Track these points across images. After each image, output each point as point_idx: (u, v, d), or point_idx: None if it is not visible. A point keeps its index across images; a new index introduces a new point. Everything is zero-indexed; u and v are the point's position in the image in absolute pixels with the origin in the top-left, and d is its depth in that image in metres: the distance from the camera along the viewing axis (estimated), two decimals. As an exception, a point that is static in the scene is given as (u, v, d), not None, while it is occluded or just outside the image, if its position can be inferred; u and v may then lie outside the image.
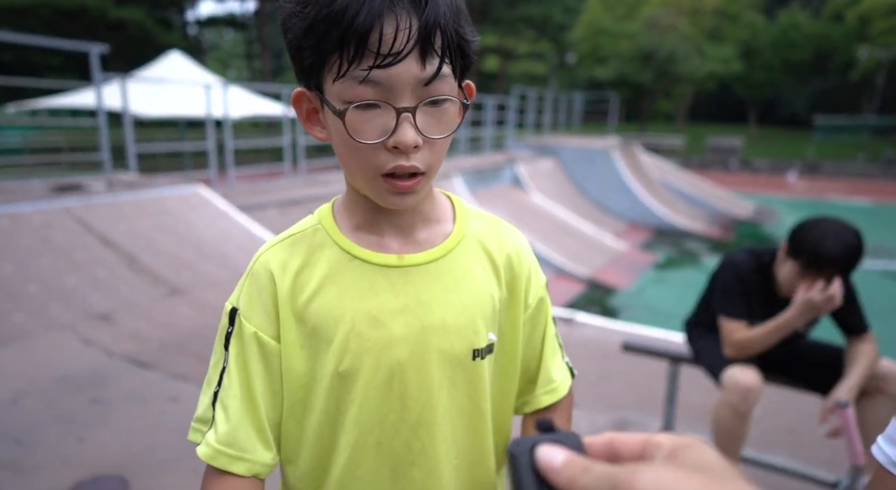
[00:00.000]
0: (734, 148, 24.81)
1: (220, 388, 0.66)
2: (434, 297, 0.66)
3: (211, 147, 6.86)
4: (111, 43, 8.07)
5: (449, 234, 0.69)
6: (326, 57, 0.55)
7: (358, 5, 0.51)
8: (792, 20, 31.72)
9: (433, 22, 0.53)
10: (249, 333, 0.65)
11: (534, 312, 0.74)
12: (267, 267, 0.66)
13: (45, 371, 3.06)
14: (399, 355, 0.65)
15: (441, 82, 0.56)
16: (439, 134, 0.58)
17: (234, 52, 44.53)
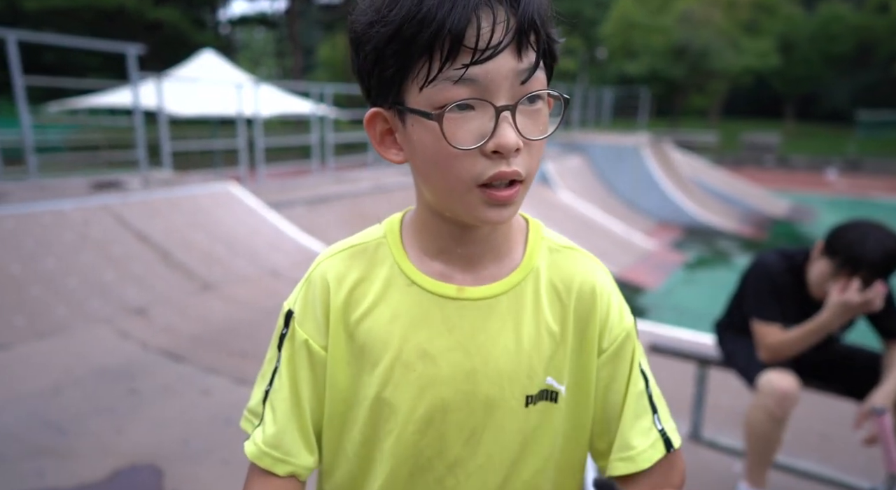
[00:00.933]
0: (770, 144, 24.08)
1: (270, 388, 0.67)
2: (489, 337, 0.62)
3: (242, 145, 7.01)
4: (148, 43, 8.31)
5: (516, 267, 0.64)
6: (413, 62, 0.52)
7: (450, 3, 0.49)
8: (833, 12, 30.55)
9: (530, 16, 0.51)
10: (301, 340, 0.65)
11: (611, 358, 0.66)
12: (324, 276, 0.65)
13: (84, 363, 3.19)
14: (444, 394, 0.62)
15: (535, 80, 0.54)
16: (538, 135, 0.55)
17: (265, 50, 45.28)
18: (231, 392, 3.01)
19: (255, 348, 3.55)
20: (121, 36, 18.65)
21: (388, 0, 0.52)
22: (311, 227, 6.16)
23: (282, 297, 4.17)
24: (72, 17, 18.00)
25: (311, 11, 31.96)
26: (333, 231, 6.44)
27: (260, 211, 5.70)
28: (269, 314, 4.08)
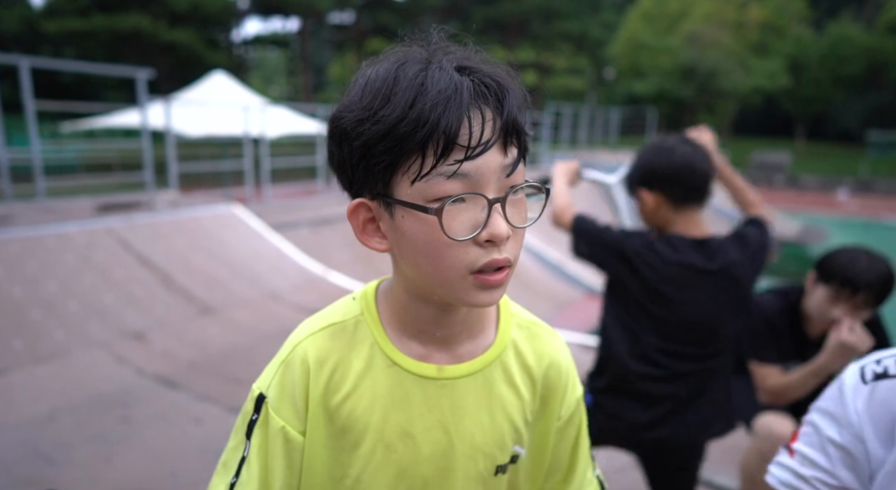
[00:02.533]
0: (781, 164, 23.94)
1: (237, 480, 0.63)
2: (466, 413, 0.65)
3: (248, 166, 7.09)
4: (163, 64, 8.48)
5: (490, 345, 0.67)
6: (405, 159, 0.54)
7: (443, 105, 0.52)
8: (843, 33, 30.59)
9: (513, 116, 0.55)
10: (277, 427, 0.63)
11: (565, 423, 0.73)
12: (304, 359, 0.65)
13: (79, 388, 3.19)
14: (424, 472, 0.65)
15: (518, 172, 0.57)
16: (523, 223, 0.58)
17: (277, 69, 46.10)
18: (223, 421, 2.99)
19: (251, 375, 3.52)
20: (136, 57, 19.09)
21: (379, 99, 0.54)
22: (314, 248, 6.17)
23: (280, 321, 4.17)
24: (89, 38, 18.48)
25: (322, 31, 32.57)
26: (336, 253, 6.46)
27: (263, 233, 5.73)
28: (268, 339, 4.07)
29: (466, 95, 0.53)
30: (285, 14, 26.12)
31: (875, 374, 0.72)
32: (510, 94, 0.56)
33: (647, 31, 29.95)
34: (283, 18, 27.70)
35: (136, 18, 17.62)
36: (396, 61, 0.57)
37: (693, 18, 29.67)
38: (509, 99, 0.55)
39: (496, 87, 0.55)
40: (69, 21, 17.78)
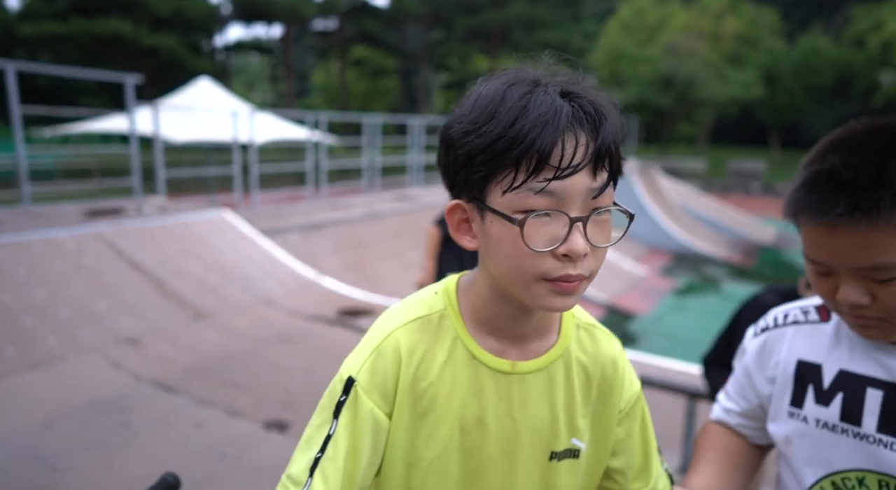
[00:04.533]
0: (756, 172, 24.57)
1: (322, 456, 0.67)
2: (531, 404, 0.71)
3: (236, 172, 7.06)
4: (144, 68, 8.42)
5: (554, 344, 0.73)
6: (500, 171, 0.59)
7: (541, 127, 0.57)
8: (813, 45, 31.59)
9: (607, 143, 0.59)
10: (366, 409, 0.67)
11: (627, 417, 0.78)
12: (397, 348, 0.69)
13: (75, 395, 3.16)
14: (491, 453, 0.71)
15: (605, 195, 0.61)
16: (604, 242, 0.62)
17: (260, 75, 45.81)
18: (224, 424, 3.00)
19: (249, 380, 3.54)
20: (117, 61, 18.82)
21: (485, 116, 0.60)
22: (304, 254, 6.18)
23: (275, 326, 4.17)
24: (68, 42, 18.18)
25: (305, 37, 32.49)
26: (327, 258, 6.47)
27: (254, 238, 5.73)
28: (263, 344, 4.07)
29: (564, 119, 0.57)
30: (268, 20, 26.02)
31: (762, 329, 0.90)
32: (607, 122, 0.59)
33: (626, 41, 30.54)
34: (266, 25, 27.59)
35: (117, 23, 17.39)
36: (506, 81, 0.62)
37: (671, 29, 30.36)
38: (606, 126, 0.59)
39: (594, 114, 0.59)
40: (47, 25, 17.47)
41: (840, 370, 0.79)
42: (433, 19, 29.23)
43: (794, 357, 0.83)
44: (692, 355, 3.91)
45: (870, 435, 0.75)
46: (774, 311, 0.93)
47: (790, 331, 0.86)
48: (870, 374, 0.76)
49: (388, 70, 33.36)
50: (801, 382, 0.82)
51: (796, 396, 0.82)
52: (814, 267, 0.73)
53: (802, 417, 0.81)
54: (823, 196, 0.66)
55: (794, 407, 0.82)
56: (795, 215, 0.71)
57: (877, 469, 0.74)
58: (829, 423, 0.78)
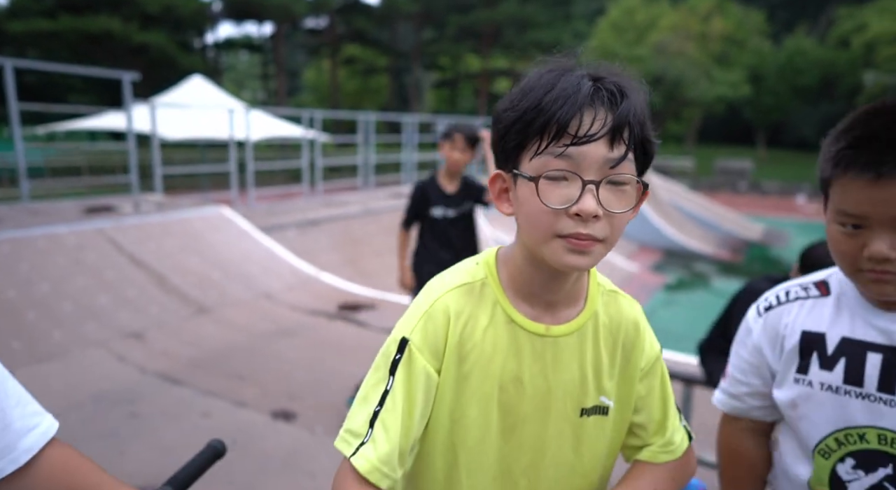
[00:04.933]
0: (744, 170, 24.90)
1: (381, 409, 0.72)
2: (562, 363, 0.78)
3: (233, 169, 7.09)
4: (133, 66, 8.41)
5: (582, 310, 0.80)
6: (529, 139, 0.68)
7: (563, 100, 0.65)
8: (798, 46, 32.04)
9: (624, 116, 0.66)
10: (420, 365, 0.73)
11: (647, 375, 0.84)
12: (446, 311, 0.75)
13: (83, 387, 3.20)
14: (527, 410, 0.78)
15: (624, 166, 0.67)
16: (619, 209, 0.67)
17: (250, 73, 45.54)
18: (231, 414, 3.05)
19: (253, 372, 3.60)
20: (105, 59, 18.65)
21: (521, 94, 0.69)
22: (302, 250, 6.22)
23: (276, 320, 4.25)
24: (56, 39, 18.00)
25: (296, 35, 32.36)
26: (325, 254, 6.52)
27: (253, 234, 5.77)
28: (265, 337, 4.13)
29: (584, 95, 0.65)
30: (259, 19, 25.90)
31: (765, 308, 0.97)
32: (627, 99, 0.66)
33: (616, 40, 30.78)
34: (257, 23, 27.46)
35: (107, 20, 17.24)
36: (548, 67, 0.70)
37: (660, 29, 30.64)
38: (626, 103, 0.66)
39: (616, 91, 0.66)
40: (36, 22, 17.28)
41: (842, 337, 0.87)
42: (425, 18, 29.25)
43: (799, 328, 0.91)
44: (683, 348, 4.03)
45: (871, 394, 0.83)
46: (774, 290, 1.00)
47: (795, 306, 0.94)
48: (869, 340, 0.85)
49: (379, 68, 33.34)
50: (806, 351, 0.90)
51: (802, 364, 0.90)
52: (846, 223, 0.80)
53: (808, 382, 0.89)
54: (875, 152, 0.75)
55: (799, 373, 0.90)
56: (840, 171, 0.78)
57: (876, 424, 0.82)
58: (833, 386, 0.86)
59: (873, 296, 0.84)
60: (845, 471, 0.86)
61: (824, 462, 0.87)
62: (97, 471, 0.77)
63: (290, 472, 2.60)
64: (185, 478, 0.87)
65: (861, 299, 0.88)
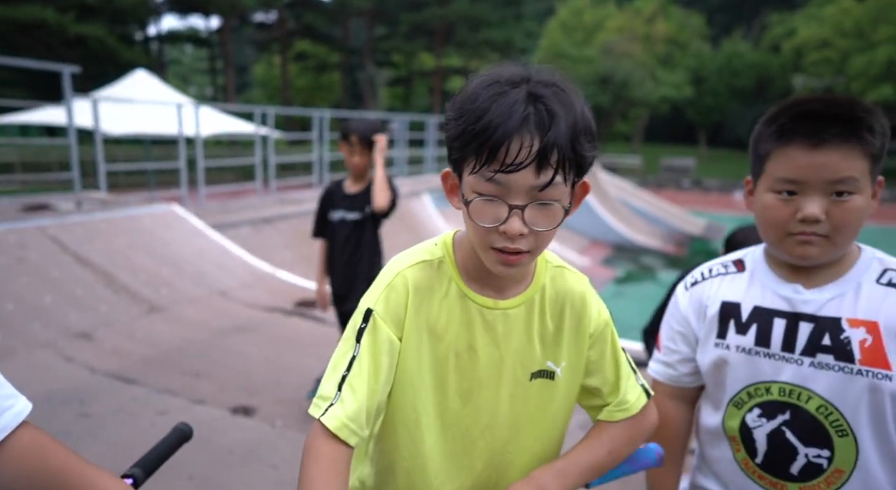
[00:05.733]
0: (687, 168, 26.08)
1: (348, 373, 0.79)
2: (513, 333, 0.86)
3: (183, 166, 6.90)
4: (69, 59, 8.04)
5: (530, 285, 0.87)
6: (467, 156, 0.72)
7: (495, 126, 0.68)
8: (735, 49, 33.76)
9: (551, 143, 0.68)
10: (384, 333, 0.80)
11: (597, 341, 0.91)
12: (406, 284, 0.82)
13: (30, 388, 3.07)
14: (481, 375, 0.85)
15: (552, 189, 0.71)
16: (544, 227, 0.73)
17: (195, 67, 43.94)
18: (188, 411, 3.03)
19: (210, 369, 3.56)
20: (38, 51, 17.60)
21: (460, 111, 0.73)
22: (256, 248, 6.14)
23: (232, 317, 4.24)
24: (-18, 28, 16.86)
25: (244, 29, 31.47)
26: (280, 252, 6.45)
27: (205, 232, 5.65)
28: (221, 334, 4.08)
29: (514, 122, 0.68)
30: (205, 12, 25.03)
31: (691, 283, 1.09)
32: (558, 123, 0.68)
33: (565, 40, 31.51)
34: (203, 17, 26.53)
35: (39, 9, 16.27)
36: (488, 80, 0.73)
37: (607, 30, 31.60)
38: (555, 129, 0.68)
39: (547, 118, 0.68)
40: (-42, 9, 16.14)
41: (754, 306, 0.99)
42: (376, 14, 29.05)
43: (720, 299, 1.03)
44: (633, 337, 4.24)
45: (776, 353, 0.95)
46: (699, 268, 1.12)
47: (716, 281, 1.06)
48: (775, 307, 0.97)
49: (331, 65, 32.86)
50: (725, 318, 1.02)
51: (721, 330, 1.02)
52: (783, 190, 0.90)
53: (726, 346, 1.00)
54: (815, 125, 0.86)
55: (719, 338, 1.02)
56: (784, 142, 0.89)
57: (778, 379, 0.95)
58: (746, 348, 0.98)
59: (797, 258, 0.93)
60: (752, 419, 0.98)
61: (737, 411, 1.00)
62: (67, 452, 0.79)
63: (251, 465, 2.61)
64: (154, 460, 0.88)
65: (770, 272, 1.00)
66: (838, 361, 0.90)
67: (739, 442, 1.00)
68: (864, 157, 0.86)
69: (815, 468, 0.93)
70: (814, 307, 0.93)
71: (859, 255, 0.95)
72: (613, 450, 0.92)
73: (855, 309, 0.91)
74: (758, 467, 0.98)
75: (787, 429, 0.95)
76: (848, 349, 0.90)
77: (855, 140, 0.85)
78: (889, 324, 0.89)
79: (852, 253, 0.96)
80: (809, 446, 0.93)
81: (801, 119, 0.88)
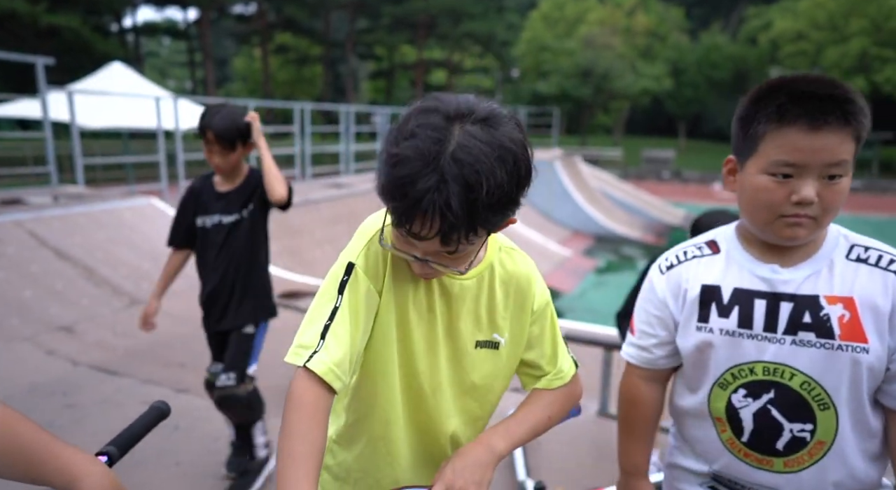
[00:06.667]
0: (667, 160, 26.42)
1: (331, 323, 0.83)
2: (464, 303, 0.93)
3: (162, 159, 6.85)
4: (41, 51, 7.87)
5: (480, 262, 0.93)
6: (383, 197, 0.76)
7: (405, 205, 0.72)
8: (713, 42, 34.19)
9: (450, 227, 0.72)
10: (365, 285, 0.86)
11: (538, 317, 0.99)
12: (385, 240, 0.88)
13: (12, 381, 3.10)
14: (439, 335, 0.93)
15: (458, 252, 0.78)
16: (455, 267, 0.83)
17: (173, 60, 43.17)
18: (174, 400, 3.04)
19: (194, 360, 3.58)
20: (9, 42, 17.15)
21: (388, 163, 0.73)
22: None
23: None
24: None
25: (224, 22, 30.97)
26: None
27: (186, 225, 5.63)
28: (205, 326, 4.10)
29: (424, 203, 0.70)
30: (183, 4, 24.58)
31: (667, 267, 1.08)
32: (456, 213, 0.70)
33: (547, 33, 31.60)
34: (181, 8, 26.04)
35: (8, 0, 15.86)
36: (416, 127, 0.73)
37: (588, 23, 31.75)
38: (455, 215, 0.70)
39: (448, 204, 0.69)
40: (-77, -1, 15.65)
41: (734, 288, 0.99)
42: (358, 7, 28.80)
43: (699, 283, 1.02)
44: (611, 325, 4.36)
45: (758, 334, 0.96)
46: (672, 251, 1.11)
47: (693, 263, 1.05)
48: (755, 288, 0.97)
49: (312, 58, 32.55)
50: (706, 302, 1.01)
51: (702, 313, 1.01)
52: (779, 172, 0.89)
53: (709, 329, 1.00)
54: (815, 107, 0.85)
55: (700, 322, 1.01)
56: (785, 123, 0.87)
57: (762, 359, 0.96)
58: (729, 330, 0.98)
59: (784, 240, 0.94)
60: (737, 400, 0.99)
61: (722, 392, 1.00)
62: (37, 429, 0.77)
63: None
64: (129, 438, 0.86)
65: (745, 253, 1.00)
66: (819, 338, 0.92)
67: (725, 422, 1.01)
68: (854, 140, 0.87)
69: (798, 442, 0.95)
70: (792, 287, 0.95)
71: (826, 233, 0.97)
72: (552, 415, 1.01)
73: (831, 286, 0.93)
74: (744, 446, 1.00)
75: (773, 407, 0.96)
76: (828, 326, 0.92)
77: (852, 123, 0.85)
78: (863, 298, 0.91)
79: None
80: (794, 422, 0.95)
81: (801, 100, 0.86)
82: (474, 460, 0.88)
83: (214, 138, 2.07)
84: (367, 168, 12.16)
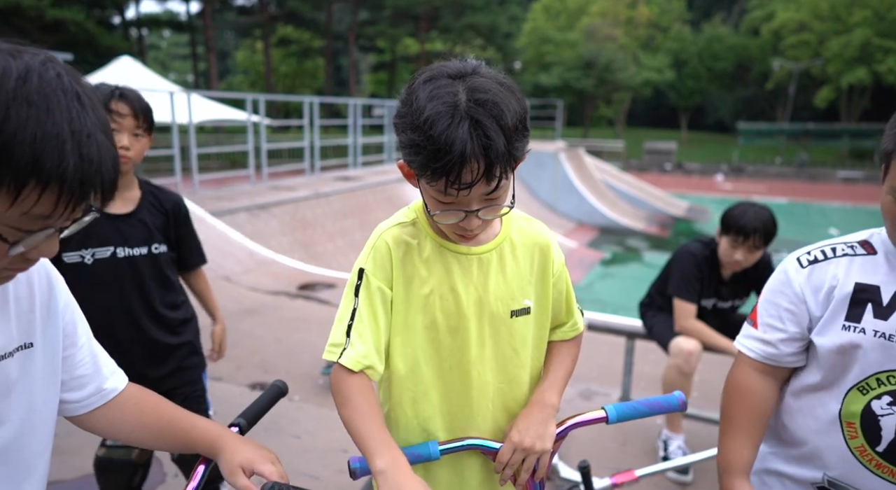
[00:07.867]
0: (669, 151, 26.45)
1: (353, 322, 0.94)
2: (490, 276, 0.99)
3: (176, 153, 6.93)
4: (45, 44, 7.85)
5: (497, 234, 1.01)
6: (422, 170, 0.83)
7: (441, 158, 0.78)
8: (715, 32, 34.06)
9: (493, 161, 0.80)
10: (375, 286, 0.96)
11: (557, 279, 1.07)
12: (387, 243, 0.98)
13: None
14: (466, 313, 0.98)
15: (499, 190, 0.85)
16: (492, 215, 0.90)
17: (174, 53, 43.03)
18: (209, 388, 3.16)
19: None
20: (15, 37, 17.03)
21: (412, 124, 0.81)
22: (253, 234, 6.23)
23: (238, 300, 4.37)
24: (-49, 13, 16.35)
25: (225, 14, 30.85)
26: (277, 238, 6.55)
27: (206, 219, 5.72)
28: (231, 317, 4.17)
29: (457, 153, 0.78)
30: (184, -5, 24.41)
31: (808, 261, 1.03)
32: (496, 146, 0.78)
33: (549, 25, 31.48)
34: (183, 1, 25.84)
35: (13, -7, 15.82)
36: (431, 92, 0.81)
37: (590, 15, 31.62)
38: (495, 150, 0.78)
39: (487, 142, 0.78)
40: (-73, -7, 15.60)
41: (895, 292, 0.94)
42: (360, -1, 28.69)
43: (852, 281, 0.97)
44: (621, 315, 4.45)
45: None
46: (816, 246, 1.06)
47: (844, 261, 0.99)
48: None
49: (315, 50, 32.45)
50: (859, 301, 0.96)
51: (852, 313, 0.96)
52: None
53: (860, 330, 0.94)
54: None
55: (849, 321, 0.96)
56: None
57: None
58: (886, 334, 0.92)
59: None
60: (880, 407, 0.93)
61: (861, 397, 0.94)
62: (174, 406, 0.95)
63: (274, 436, 2.76)
64: (255, 412, 1.00)
65: None
66: None
67: (858, 428, 0.95)
68: None
69: None
70: None
71: None
72: (575, 360, 1.14)
73: None
74: (877, 455, 0.93)
75: None
76: None
77: None
78: None
79: None
80: None
81: None
82: (535, 419, 1.00)
83: (132, 111, 1.53)
84: (373, 161, 12.22)
